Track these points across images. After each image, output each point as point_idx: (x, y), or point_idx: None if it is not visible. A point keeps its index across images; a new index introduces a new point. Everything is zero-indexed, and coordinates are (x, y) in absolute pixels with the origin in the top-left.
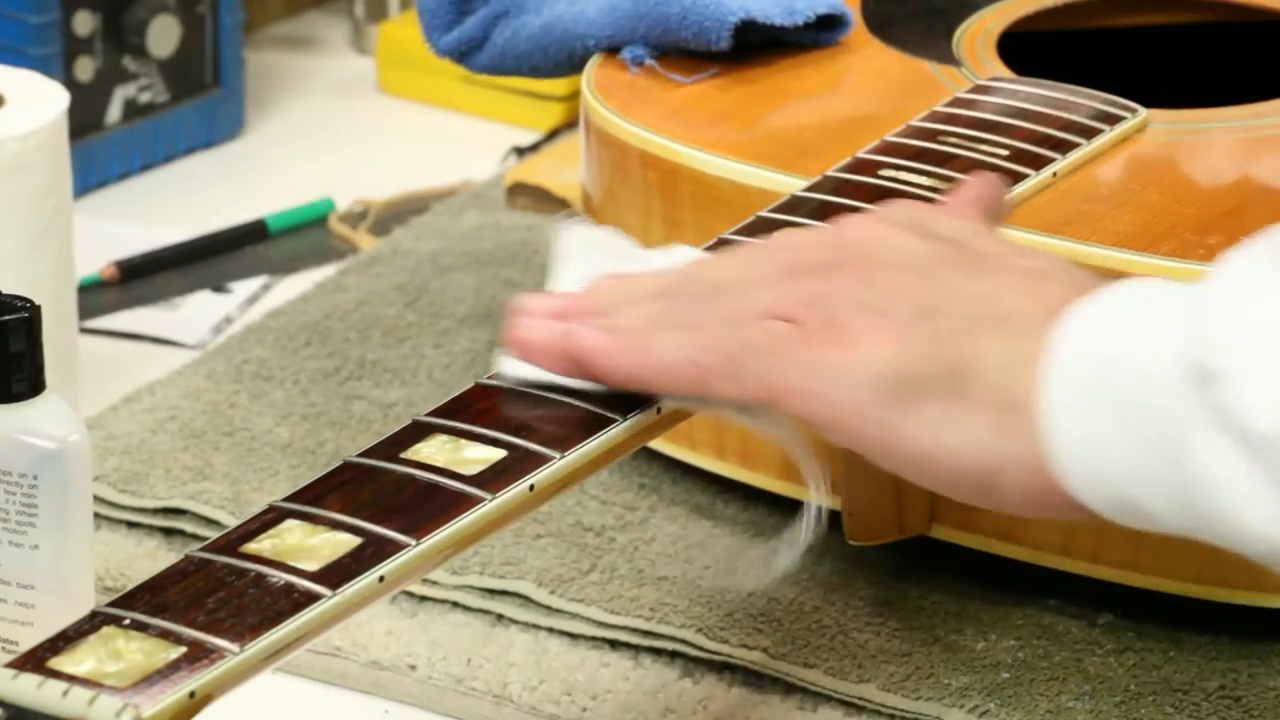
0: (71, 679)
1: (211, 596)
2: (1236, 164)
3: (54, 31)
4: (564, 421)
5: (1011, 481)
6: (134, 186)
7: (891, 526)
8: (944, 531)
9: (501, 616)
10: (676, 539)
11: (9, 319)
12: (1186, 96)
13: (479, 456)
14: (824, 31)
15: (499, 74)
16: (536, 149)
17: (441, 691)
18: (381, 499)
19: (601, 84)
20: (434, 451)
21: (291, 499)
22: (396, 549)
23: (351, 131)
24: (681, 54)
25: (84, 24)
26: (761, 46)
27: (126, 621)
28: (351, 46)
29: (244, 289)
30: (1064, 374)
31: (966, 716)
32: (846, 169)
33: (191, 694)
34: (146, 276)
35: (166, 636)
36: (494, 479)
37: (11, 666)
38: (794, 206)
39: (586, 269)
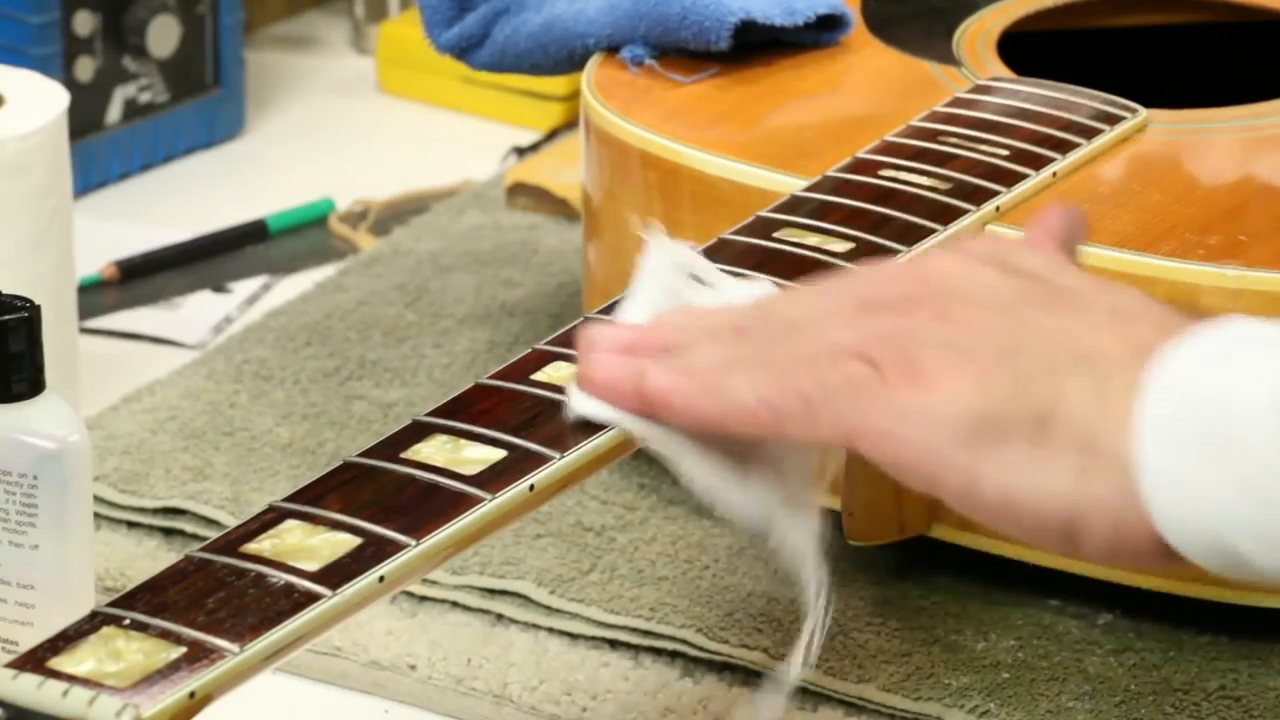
0: (71, 679)
1: (211, 596)
2: (1237, 164)
3: (54, 31)
4: (564, 421)
5: (1096, 528)
6: (134, 186)
7: (891, 526)
8: (944, 531)
9: (501, 616)
10: (676, 539)
11: (9, 319)
12: (1186, 96)
13: (479, 456)
14: (824, 31)
15: (499, 71)
16: (536, 149)
17: (441, 691)
18: (381, 499)
19: (601, 84)
20: (434, 451)
21: (291, 499)
22: (396, 549)
23: (351, 131)
24: (681, 54)
25: (84, 24)
26: (761, 46)
27: (126, 621)
28: (351, 46)
29: (244, 289)
30: (1158, 418)
31: (966, 716)
32: (846, 169)
33: (191, 694)
34: (146, 276)
35: (166, 636)
36: (494, 479)
37: (11, 666)
38: (794, 206)
39: (661, 295)
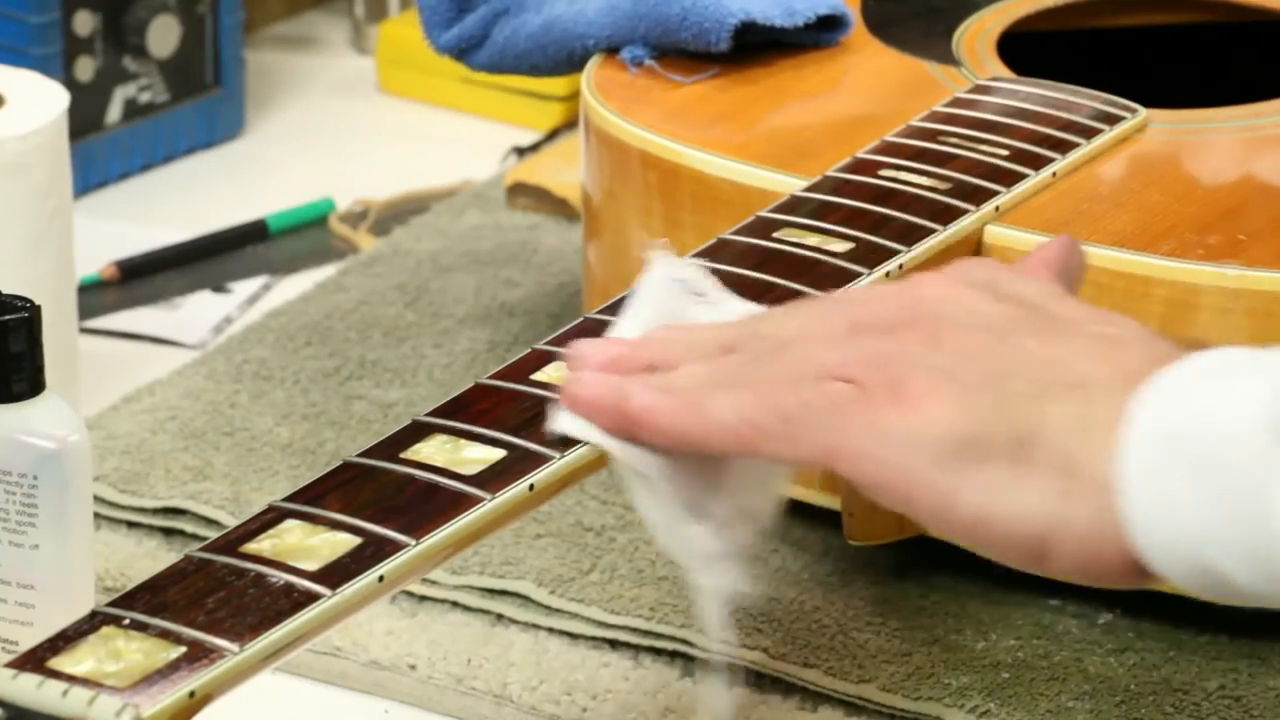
0: (71, 679)
1: (211, 596)
2: (1236, 164)
3: (54, 31)
4: None
5: (1068, 548)
6: (134, 186)
7: (891, 526)
8: None
9: (501, 616)
10: None
11: (9, 319)
12: (1186, 96)
13: (479, 456)
14: (824, 32)
15: (498, 72)
16: (536, 149)
17: (441, 691)
18: (381, 499)
19: (601, 84)
20: (434, 451)
21: (291, 499)
22: (396, 549)
23: (351, 131)
24: (681, 54)
25: (84, 24)
26: (761, 47)
27: (126, 621)
28: (351, 46)
29: (244, 289)
30: (1142, 441)
31: (966, 716)
32: (846, 169)
33: (191, 694)
34: (146, 276)
35: (166, 636)
36: (494, 479)
37: (11, 666)
38: (794, 206)
39: (657, 312)
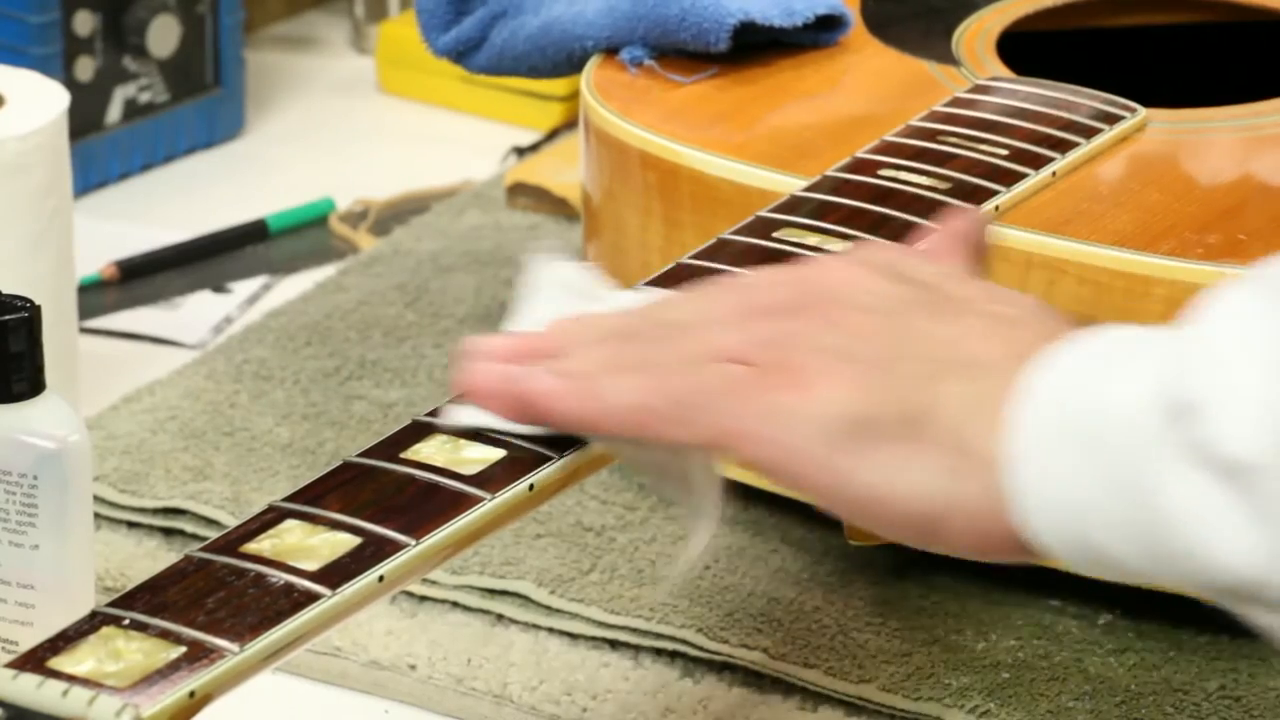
0: (71, 679)
1: (211, 596)
2: (1236, 163)
3: (54, 31)
4: None
5: (958, 525)
6: (134, 186)
7: None
8: None
9: (501, 616)
10: (676, 539)
11: (9, 319)
12: (1186, 96)
13: (478, 456)
14: (823, 32)
15: (497, 74)
16: (536, 149)
17: (441, 691)
18: (381, 499)
19: (601, 84)
20: (434, 451)
21: (291, 499)
22: (396, 549)
23: (351, 131)
24: (680, 55)
25: (84, 24)
26: (761, 47)
27: (126, 621)
28: (351, 46)
29: (244, 289)
30: (1032, 418)
31: (966, 716)
32: (846, 169)
33: (191, 694)
34: (146, 276)
35: (166, 636)
36: (494, 479)
37: (11, 666)
38: (794, 206)
39: (550, 308)
